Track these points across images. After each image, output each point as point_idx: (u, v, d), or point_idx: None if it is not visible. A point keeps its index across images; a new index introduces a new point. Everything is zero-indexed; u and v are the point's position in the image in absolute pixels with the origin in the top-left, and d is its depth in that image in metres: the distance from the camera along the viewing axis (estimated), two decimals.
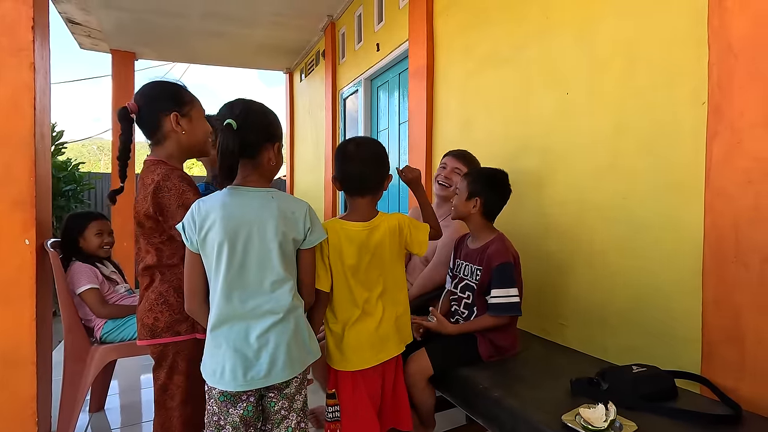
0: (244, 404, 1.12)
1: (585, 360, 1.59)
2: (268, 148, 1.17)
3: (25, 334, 1.74)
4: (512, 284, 1.51)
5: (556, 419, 1.11)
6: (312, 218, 1.20)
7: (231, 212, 1.12)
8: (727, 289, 1.27)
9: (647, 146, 1.53)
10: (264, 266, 1.13)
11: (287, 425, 1.17)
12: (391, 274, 1.37)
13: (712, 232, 1.31)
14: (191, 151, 1.33)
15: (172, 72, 6.96)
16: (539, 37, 1.99)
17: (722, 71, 1.28)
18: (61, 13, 4.36)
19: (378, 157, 1.36)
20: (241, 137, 1.10)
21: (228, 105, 1.17)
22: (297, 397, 1.19)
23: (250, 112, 1.15)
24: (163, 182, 1.19)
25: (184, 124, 1.27)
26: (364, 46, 3.93)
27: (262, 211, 1.14)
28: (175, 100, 1.27)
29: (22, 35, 1.72)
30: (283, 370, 1.11)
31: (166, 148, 1.28)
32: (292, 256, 1.18)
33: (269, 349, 1.10)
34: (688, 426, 1.09)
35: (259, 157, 1.17)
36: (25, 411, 1.74)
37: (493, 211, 1.65)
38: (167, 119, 1.25)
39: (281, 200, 1.17)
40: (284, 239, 1.14)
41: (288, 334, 1.12)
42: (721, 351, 1.29)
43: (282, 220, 1.14)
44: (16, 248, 1.72)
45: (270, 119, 1.20)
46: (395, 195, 3.60)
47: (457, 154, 2.04)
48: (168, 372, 1.27)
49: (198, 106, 1.33)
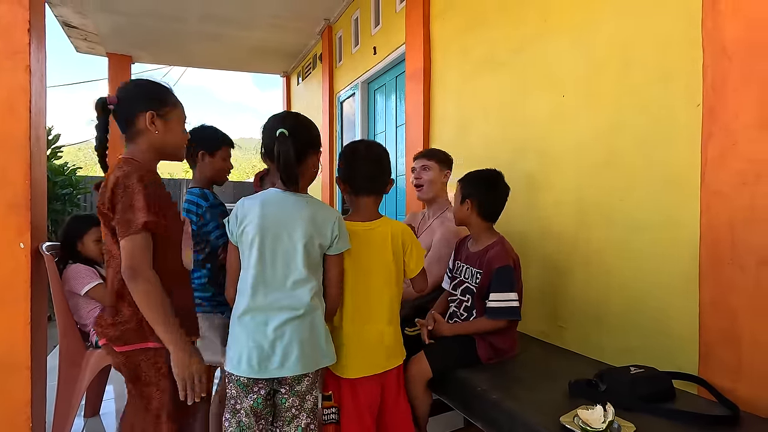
0: (255, 396, 1.19)
1: (583, 362, 1.59)
2: (312, 156, 1.28)
3: (19, 339, 1.72)
4: (511, 288, 1.50)
5: (554, 421, 1.11)
6: (341, 227, 1.26)
7: (267, 211, 1.22)
8: (724, 290, 1.28)
9: (643, 148, 1.54)
10: (288, 264, 1.20)
11: (297, 424, 1.21)
12: (391, 282, 1.36)
13: (708, 234, 1.32)
14: (163, 153, 1.30)
15: (169, 75, 6.96)
16: (536, 40, 2.01)
17: (716, 73, 1.30)
18: (57, 17, 4.36)
19: (385, 159, 1.40)
20: (293, 143, 1.21)
21: (276, 117, 1.29)
22: (308, 397, 1.22)
23: (298, 122, 1.28)
24: (123, 180, 1.16)
25: (159, 124, 1.25)
26: (361, 49, 3.94)
27: (294, 213, 1.22)
28: (154, 100, 1.26)
29: (17, 38, 1.71)
30: (295, 364, 1.16)
31: (139, 145, 1.25)
32: (316, 259, 1.24)
33: (284, 341, 1.16)
34: (686, 427, 1.09)
35: (304, 164, 1.26)
36: (20, 416, 1.72)
37: (490, 211, 1.64)
38: (142, 116, 1.22)
39: (314, 206, 1.26)
40: (310, 242, 1.21)
41: (304, 332, 1.18)
42: (718, 352, 1.29)
43: (311, 224, 1.22)
44: (10, 252, 1.71)
45: (314, 129, 1.32)
46: (392, 199, 3.61)
47: (421, 154, 2.05)
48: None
49: (179, 111, 1.30)
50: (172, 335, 1.12)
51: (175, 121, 1.29)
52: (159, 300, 1.13)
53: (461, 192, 1.65)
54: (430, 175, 1.98)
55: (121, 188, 1.15)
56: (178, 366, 1.12)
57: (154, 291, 1.13)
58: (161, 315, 1.12)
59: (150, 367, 1.17)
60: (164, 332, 1.12)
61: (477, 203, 1.61)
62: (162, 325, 1.12)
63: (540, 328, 1.94)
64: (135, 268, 1.12)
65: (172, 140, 1.29)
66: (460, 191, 1.66)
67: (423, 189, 1.99)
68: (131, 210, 1.14)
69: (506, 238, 1.64)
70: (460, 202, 1.65)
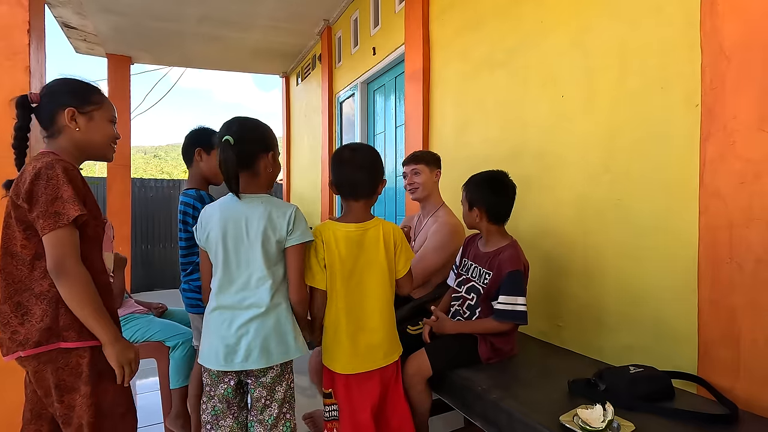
0: (225, 385, 1.27)
1: (582, 361, 1.59)
2: (263, 158, 1.31)
3: None
4: (521, 293, 1.50)
5: (554, 420, 1.11)
6: (296, 220, 1.29)
7: (224, 216, 1.29)
8: (722, 289, 1.28)
9: (642, 148, 1.55)
10: (249, 264, 1.27)
11: (270, 413, 1.28)
12: (384, 281, 1.37)
13: (707, 234, 1.32)
14: (87, 152, 1.25)
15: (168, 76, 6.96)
16: (534, 40, 2.01)
17: (715, 74, 1.30)
18: (56, 18, 4.36)
19: (372, 163, 1.40)
20: (239, 151, 1.25)
21: (225, 124, 1.31)
22: (277, 387, 1.28)
23: (244, 127, 1.30)
24: (45, 170, 1.08)
25: (81, 122, 1.20)
26: (361, 49, 3.94)
27: (249, 214, 1.28)
28: (76, 97, 1.21)
29: (17, 39, 1.72)
30: (258, 358, 1.23)
31: (59, 142, 1.20)
32: (275, 256, 1.29)
33: (248, 338, 1.23)
34: (686, 425, 1.10)
35: (257, 166, 1.30)
36: (15, 417, 1.72)
37: (499, 215, 1.61)
38: (62, 113, 1.17)
39: (268, 204, 1.29)
40: (266, 240, 1.26)
41: (267, 328, 1.24)
42: (717, 351, 1.30)
43: (267, 222, 1.27)
44: None
45: (262, 131, 1.33)
46: (391, 200, 3.61)
47: (409, 159, 2.07)
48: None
49: (106, 109, 1.26)
50: (107, 329, 1.10)
51: (100, 120, 1.24)
52: (92, 295, 1.09)
53: (467, 199, 1.64)
54: (421, 178, 2.02)
55: (43, 179, 1.07)
56: (116, 357, 1.11)
57: (87, 286, 1.09)
58: (96, 310, 1.09)
59: (68, 372, 1.11)
60: (99, 327, 1.09)
61: (485, 209, 1.60)
62: (96, 319, 1.09)
63: (539, 327, 1.94)
64: (64, 263, 1.06)
65: (96, 139, 1.24)
66: (466, 198, 1.65)
67: (417, 191, 2.04)
68: (59, 201, 1.07)
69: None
70: (468, 209, 1.63)
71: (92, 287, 1.10)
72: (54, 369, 1.11)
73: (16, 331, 1.10)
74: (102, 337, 1.11)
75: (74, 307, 1.08)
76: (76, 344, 1.11)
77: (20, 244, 1.11)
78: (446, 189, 2.12)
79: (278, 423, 1.28)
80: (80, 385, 1.12)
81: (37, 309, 1.10)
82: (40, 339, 1.09)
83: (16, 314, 1.10)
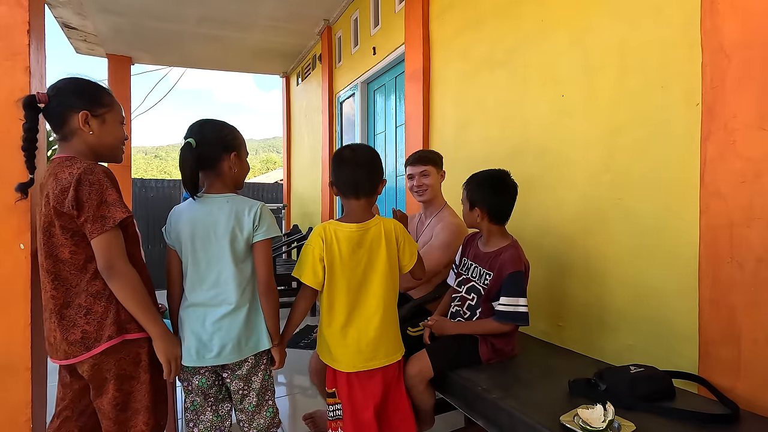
0: (200, 377, 1.32)
1: (583, 361, 1.59)
2: (225, 159, 1.33)
3: (19, 340, 1.72)
4: (522, 294, 1.49)
5: (554, 420, 1.11)
6: (261, 216, 1.31)
7: (192, 216, 1.32)
8: (723, 288, 1.28)
9: (642, 147, 1.54)
10: (218, 262, 1.29)
11: (249, 402, 1.34)
12: (387, 279, 1.37)
13: (708, 232, 1.32)
14: (100, 155, 1.26)
15: (169, 76, 6.96)
16: (534, 40, 2.01)
17: (715, 73, 1.30)
18: (56, 18, 4.36)
19: (371, 161, 1.40)
20: (199, 152, 1.29)
21: (189, 127, 1.34)
22: (253, 378, 1.33)
23: (205, 129, 1.33)
24: (86, 176, 1.11)
25: (94, 124, 1.21)
26: (361, 49, 3.94)
27: (216, 214, 1.30)
28: (89, 99, 1.22)
29: (17, 39, 1.71)
30: (230, 353, 1.27)
31: (74, 146, 1.21)
32: (243, 254, 1.31)
33: (221, 334, 1.27)
34: (687, 425, 1.09)
35: (219, 167, 1.33)
36: (20, 417, 1.72)
37: (499, 215, 1.59)
38: (75, 116, 1.19)
39: (234, 203, 1.32)
40: (234, 238, 1.29)
41: (239, 323, 1.28)
42: (718, 350, 1.30)
43: (234, 221, 1.30)
44: (10, 252, 1.71)
45: (225, 133, 1.35)
46: (392, 199, 3.61)
47: (416, 160, 2.04)
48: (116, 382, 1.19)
49: (116, 112, 1.28)
50: (156, 324, 1.19)
51: (112, 122, 1.26)
52: (141, 292, 1.17)
53: (468, 198, 1.63)
54: (430, 180, 2.01)
55: (86, 185, 1.12)
56: (165, 351, 1.20)
57: (136, 284, 1.17)
58: (146, 307, 1.17)
59: (129, 361, 1.20)
60: (149, 322, 1.18)
61: (486, 210, 1.58)
62: (147, 316, 1.17)
63: (540, 327, 1.94)
64: (114, 265, 1.13)
65: (109, 142, 1.26)
66: (467, 198, 1.63)
67: (426, 193, 2.02)
68: (104, 206, 1.12)
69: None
70: (469, 208, 1.62)
71: (141, 285, 1.18)
72: (117, 360, 1.18)
73: (86, 330, 1.15)
74: (152, 332, 1.19)
75: (126, 304, 1.16)
76: (137, 335, 1.20)
77: (69, 251, 1.16)
78: (446, 189, 2.12)
79: (260, 410, 1.35)
80: (140, 373, 1.21)
81: (98, 307, 1.16)
82: (111, 333, 1.16)
83: (81, 315, 1.16)
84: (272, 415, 1.38)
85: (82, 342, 1.16)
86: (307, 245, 1.36)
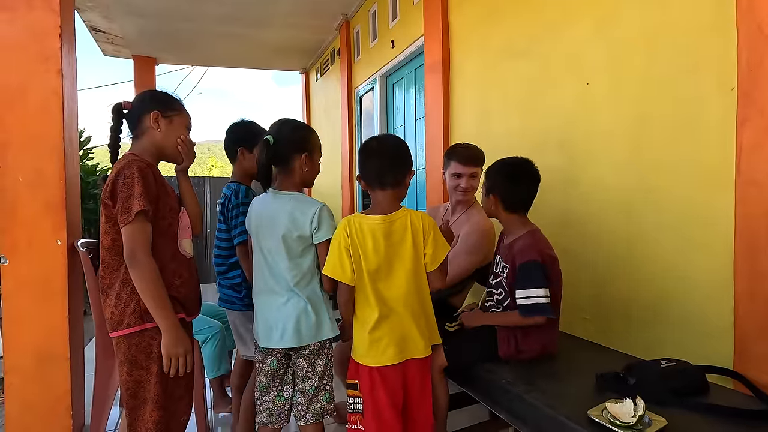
0: (272, 358, 1.42)
1: (610, 355, 1.55)
2: (297, 158, 1.42)
3: (58, 331, 1.81)
4: (538, 284, 1.41)
5: (581, 414, 1.09)
6: (321, 218, 1.38)
7: (260, 209, 1.45)
8: (761, 280, 1.23)
9: (672, 135, 1.49)
10: (276, 254, 1.40)
11: (311, 384, 1.42)
12: (415, 273, 1.35)
13: (744, 223, 1.27)
14: (163, 153, 1.38)
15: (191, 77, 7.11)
16: (556, 27, 1.96)
17: (752, 54, 1.24)
18: (85, 22, 4.51)
19: (396, 152, 1.39)
20: (275, 150, 1.39)
21: (272, 124, 1.47)
22: (317, 360, 1.41)
23: (283, 128, 1.44)
24: (123, 170, 1.23)
25: (162, 124, 1.35)
26: (379, 43, 3.93)
27: (278, 210, 1.40)
28: (160, 103, 1.37)
29: (50, 43, 1.79)
30: (291, 337, 1.37)
31: (142, 143, 1.35)
32: (297, 250, 1.39)
33: (283, 319, 1.38)
34: (721, 421, 1.06)
35: (290, 165, 1.42)
36: (61, 404, 1.81)
37: (514, 203, 1.55)
38: (147, 116, 1.33)
39: (296, 202, 1.41)
40: (288, 235, 1.38)
41: (295, 313, 1.37)
42: (755, 345, 1.25)
43: (290, 219, 1.38)
44: (48, 248, 1.79)
45: (300, 134, 1.46)
46: (412, 192, 3.60)
47: (467, 159, 1.91)
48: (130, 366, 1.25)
49: (184, 117, 1.41)
50: (166, 318, 1.22)
51: (178, 125, 1.39)
52: (156, 285, 1.22)
53: (485, 185, 1.61)
54: (477, 182, 1.92)
55: (121, 178, 1.22)
56: (166, 346, 1.23)
57: (153, 277, 1.21)
58: (158, 299, 1.21)
59: (141, 351, 1.25)
60: (159, 315, 1.22)
61: (500, 197, 1.55)
62: (159, 307, 1.21)
63: (564, 320, 1.90)
64: (135, 255, 1.20)
65: (172, 141, 1.38)
66: (485, 183, 1.61)
67: (470, 194, 1.96)
68: (131, 198, 1.21)
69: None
70: (485, 194, 1.60)
71: (158, 278, 1.22)
72: (129, 345, 1.24)
73: (113, 313, 1.25)
74: (161, 324, 1.23)
75: (142, 294, 1.22)
76: (153, 324, 1.24)
77: (111, 238, 1.26)
78: None
79: (318, 393, 1.42)
80: (150, 364, 1.25)
81: (124, 294, 1.25)
82: (130, 321, 1.23)
83: (113, 298, 1.25)
84: (328, 401, 1.44)
85: (110, 322, 1.26)
86: (333, 240, 1.36)
